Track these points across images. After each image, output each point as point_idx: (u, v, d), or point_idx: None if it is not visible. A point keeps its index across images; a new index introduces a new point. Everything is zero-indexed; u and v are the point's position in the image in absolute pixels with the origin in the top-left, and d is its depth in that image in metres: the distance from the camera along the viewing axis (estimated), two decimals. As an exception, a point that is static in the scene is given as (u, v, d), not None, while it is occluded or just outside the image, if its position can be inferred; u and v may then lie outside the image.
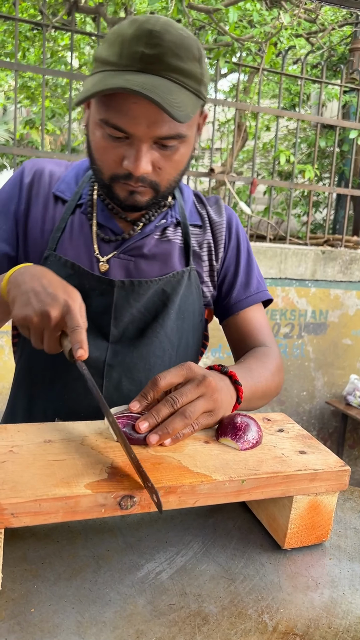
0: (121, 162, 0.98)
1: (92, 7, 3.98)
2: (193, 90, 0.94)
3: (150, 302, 1.13)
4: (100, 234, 1.13)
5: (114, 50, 0.91)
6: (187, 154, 1.03)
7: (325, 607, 0.77)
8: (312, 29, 5.00)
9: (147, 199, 1.04)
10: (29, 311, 0.86)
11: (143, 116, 0.91)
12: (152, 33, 0.88)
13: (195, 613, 0.72)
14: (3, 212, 1.15)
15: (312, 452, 0.93)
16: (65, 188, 1.16)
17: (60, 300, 0.87)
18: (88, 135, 1.03)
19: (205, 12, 3.86)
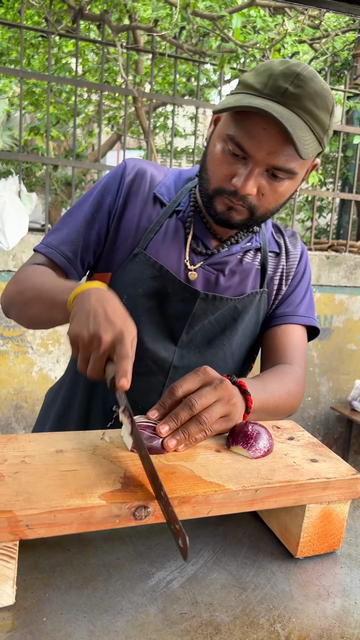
0: (231, 178, 1.04)
1: (97, 15, 4.01)
2: (318, 136, 1.01)
3: (221, 315, 1.20)
4: (194, 244, 1.19)
5: (261, 79, 0.99)
6: (290, 191, 1.09)
7: (338, 616, 0.76)
8: (315, 35, 5.01)
9: (241, 218, 1.10)
10: (83, 330, 0.87)
11: (267, 143, 0.99)
12: (299, 76, 0.97)
13: (207, 622, 0.72)
14: (99, 202, 1.19)
15: (324, 460, 0.93)
16: (165, 192, 1.21)
17: (115, 328, 0.87)
18: (207, 147, 1.11)
19: (209, 19, 3.88)
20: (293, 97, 0.96)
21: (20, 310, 1.13)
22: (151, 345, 1.18)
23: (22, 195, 3.33)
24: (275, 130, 0.97)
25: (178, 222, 1.20)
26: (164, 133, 6.59)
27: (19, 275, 1.15)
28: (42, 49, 5.75)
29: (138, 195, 1.19)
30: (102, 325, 0.87)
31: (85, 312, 0.90)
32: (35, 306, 1.07)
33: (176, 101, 3.77)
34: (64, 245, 1.18)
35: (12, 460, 0.80)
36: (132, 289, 1.17)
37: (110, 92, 5.47)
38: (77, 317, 0.90)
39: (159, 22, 4.57)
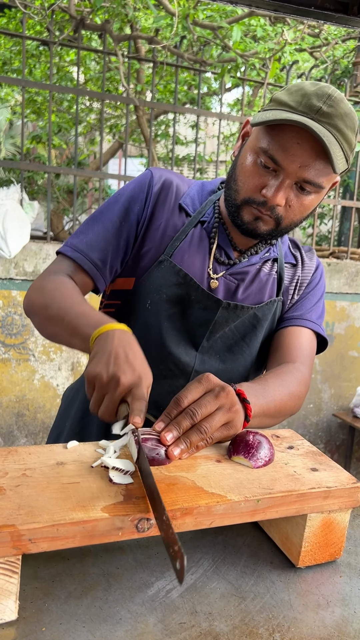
0: (261, 189, 1.10)
1: (98, 24, 4.04)
2: (345, 153, 1.07)
3: (241, 322, 1.24)
4: (217, 254, 1.23)
5: (294, 97, 1.05)
6: (314, 204, 1.15)
7: (337, 625, 0.76)
8: (315, 44, 5.04)
9: (267, 229, 1.15)
10: (102, 371, 0.89)
11: (300, 157, 1.05)
12: (330, 96, 1.04)
13: (207, 632, 0.72)
14: (126, 209, 1.21)
15: (324, 469, 0.93)
16: (190, 203, 1.25)
17: (134, 372, 0.89)
18: (237, 159, 1.16)
19: (209, 29, 3.90)
20: (326, 115, 1.03)
21: (41, 323, 1.13)
22: (174, 349, 1.21)
23: (24, 204, 3.35)
24: (308, 145, 1.03)
25: (203, 232, 1.24)
26: (165, 141, 6.62)
27: (45, 285, 1.15)
28: (44, 58, 5.79)
29: (165, 205, 1.23)
30: (121, 368, 0.89)
31: (107, 354, 0.91)
32: (56, 326, 1.08)
33: (177, 109, 3.79)
34: (92, 252, 1.18)
35: (13, 474, 0.80)
36: (156, 295, 1.20)
37: (111, 101, 5.50)
38: (97, 358, 0.92)
39: (159, 31, 4.60)
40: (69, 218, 5.59)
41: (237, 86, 5.42)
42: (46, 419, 3.41)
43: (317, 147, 1.03)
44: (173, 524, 0.76)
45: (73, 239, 1.21)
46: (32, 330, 3.28)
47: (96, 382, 0.90)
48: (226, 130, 6.49)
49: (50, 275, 1.17)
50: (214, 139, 6.89)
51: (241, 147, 1.17)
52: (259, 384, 1.09)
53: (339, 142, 1.04)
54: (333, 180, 1.13)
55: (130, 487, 0.80)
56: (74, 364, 3.41)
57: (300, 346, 1.26)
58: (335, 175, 1.12)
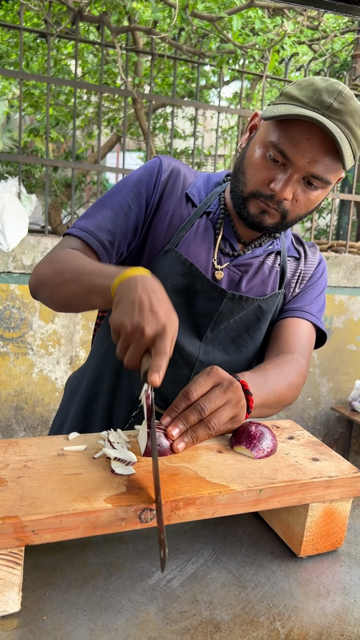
0: (269, 182, 1.10)
1: (96, 16, 4.01)
2: (353, 150, 1.08)
3: (246, 314, 1.25)
4: (222, 245, 1.24)
5: (305, 93, 1.06)
6: (320, 199, 1.16)
7: (337, 614, 0.76)
8: (314, 36, 5.02)
9: (273, 222, 1.16)
10: (126, 320, 0.87)
11: (310, 152, 1.05)
12: (341, 93, 1.04)
13: (207, 621, 0.72)
14: (135, 194, 1.21)
15: (325, 459, 0.93)
16: (196, 193, 1.26)
17: (159, 322, 0.87)
18: (245, 152, 1.17)
19: (208, 20, 3.88)
20: (336, 112, 1.03)
21: (54, 291, 1.10)
22: (179, 339, 1.20)
23: (22, 197, 3.33)
24: (317, 140, 1.04)
25: (208, 223, 1.24)
26: (163, 134, 6.60)
27: (54, 256, 1.13)
28: (42, 50, 5.75)
29: (173, 193, 1.23)
30: (145, 317, 0.86)
31: (130, 301, 0.89)
32: (72, 288, 1.05)
33: (175, 102, 3.78)
34: (101, 232, 1.17)
35: (14, 465, 0.80)
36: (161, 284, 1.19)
37: (109, 94, 5.47)
38: (121, 306, 0.89)
39: (158, 23, 4.58)
40: (67, 212, 5.57)
41: (236, 79, 5.39)
42: (45, 413, 3.41)
43: (326, 143, 1.04)
44: (176, 514, 0.76)
45: (81, 222, 1.20)
46: (30, 324, 3.28)
47: (121, 331, 0.88)
48: (225, 123, 6.47)
49: (56, 250, 1.16)
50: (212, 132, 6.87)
51: (249, 139, 1.18)
52: (259, 375, 1.09)
53: (348, 138, 1.05)
54: (339, 176, 1.14)
55: (133, 477, 0.80)
56: (72, 357, 3.41)
57: (299, 337, 1.27)
58: (341, 172, 1.13)
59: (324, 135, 1.03)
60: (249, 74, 4.06)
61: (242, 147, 1.20)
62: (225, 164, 7.09)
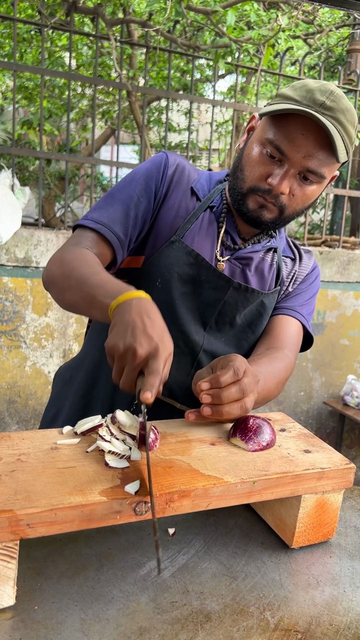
0: (267, 177, 1.15)
1: (91, 8, 3.98)
2: (346, 145, 1.12)
3: (249, 310, 1.28)
4: (224, 238, 1.28)
5: (299, 93, 1.12)
6: (316, 194, 1.20)
7: (327, 604, 0.77)
8: (309, 31, 5.01)
9: (271, 217, 1.19)
10: (119, 342, 0.89)
11: (305, 147, 1.10)
12: (333, 92, 1.10)
13: (198, 610, 0.73)
14: (144, 187, 1.24)
15: (317, 450, 0.94)
16: (201, 188, 1.30)
17: (152, 343, 0.88)
18: (243, 150, 1.22)
19: (203, 13, 3.86)
20: (329, 109, 1.09)
21: (61, 293, 1.13)
22: (186, 327, 1.24)
23: (15, 190, 3.32)
24: (312, 136, 1.09)
25: (212, 216, 1.28)
26: (158, 128, 6.58)
27: (65, 256, 1.14)
28: (36, 42, 5.71)
29: (179, 187, 1.27)
30: (138, 339, 0.88)
31: (124, 324, 0.91)
32: (76, 296, 1.08)
33: (170, 96, 3.76)
34: (115, 225, 1.20)
35: (8, 459, 0.80)
36: (167, 274, 1.23)
37: (104, 86, 5.44)
38: (116, 329, 0.91)
39: (153, 16, 4.55)
40: (61, 205, 5.55)
41: (231, 72, 5.38)
42: (38, 406, 3.41)
43: (320, 139, 1.09)
44: (170, 507, 0.76)
45: (93, 214, 1.21)
46: (23, 317, 3.27)
47: (115, 353, 0.89)
48: (219, 117, 6.45)
49: (69, 247, 1.16)
50: (207, 126, 6.86)
51: (247, 140, 1.23)
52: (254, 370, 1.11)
53: (341, 134, 1.10)
54: (334, 171, 1.18)
55: (127, 470, 0.80)
56: (65, 351, 3.41)
57: (289, 334, 1.31)
58: (335, 168, 1.17)
59: (318, 131, 1.08)
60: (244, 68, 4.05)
61: (240, 148, 1.24)
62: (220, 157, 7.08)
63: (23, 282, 3.24)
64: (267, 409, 3.94)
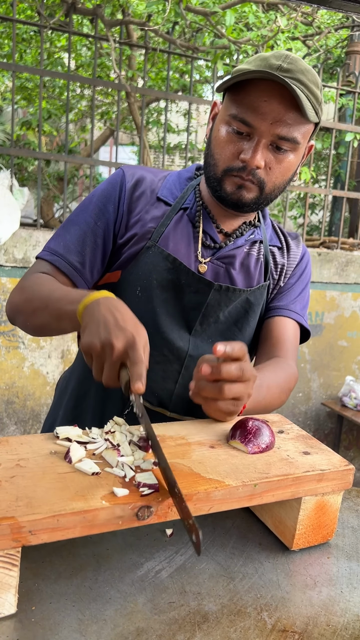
0: (238, 155, 1.10)
1: (90, 9, 3.98)
2: (313, 105, 1.07)
3: (234, 308, 1.24)
4: (203, 239, 1.23)
5: (254, 63, 1.09)
6: (294, 164, 1.14)
7: (324, 605, 0.77)
8: (308, 32, 5.01)
9: (252, 197, 1.14)
10: (94, 340, 0.89)
11: (270, 113, 1.05)
12: (288, 56, 1.07)
13: (195, 611, 0.73)
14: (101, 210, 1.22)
15: (316, 452, 0.94)
16: (168, 193, 1.26)
17: (126, 334, 0.89)
18: (210, 138, 1.18)
19: (202, 14, 3.87)
20: (286, 71, 1.05)
21: (27, 319, 1.13)
22: (168, 335, 1.21)
23: (14, 190, 3.32)
24: (276, 100, 1.04)
25: (186, 218, 1.24)
26: (156, 129, 6.58)
27: (23, 283, 1.16)
28: (35, 43, 5.71)
29: (141, 200, 1.23)
30: (112, 333, 0.88)
31: (96, 322, 0.91)
32: (42, 316, 1.08)
33: (169, 97, 3.77)
34: (70, 255, 1.19)
35: (7, 464, 0.79)
36: (145, 281, 1.20)
37: (103, 87, 5.45)
38: (89, 328, 0.92)
39: (152, 17, 4.56)
40: (59, 205, 5.55)
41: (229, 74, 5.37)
42: (36, 407, 3.41)
43: (285, 102, 1.04)
44: (172, 511, 0.76)
45: (50, 243, 1.22)
46: (22, 318, 3.27)
47: (92, 351, 0.90)
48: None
49: (27, 276, 1.18)
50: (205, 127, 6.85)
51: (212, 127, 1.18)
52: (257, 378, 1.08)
53: (305, 93, 1.05)
54: (308, 137, 1.13)
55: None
56: (64, 351, 3.41)
57: (287, 339, 1.28)
58: (308, 132, 1.12)
59: (281, 95, 1.04)
60: (242, 69, 4.05)
61: (207, 137, 1.20)
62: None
63: (21, 282, 3.24)
64: (266, 410, 3.94)
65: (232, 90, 1.10)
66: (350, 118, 4.45)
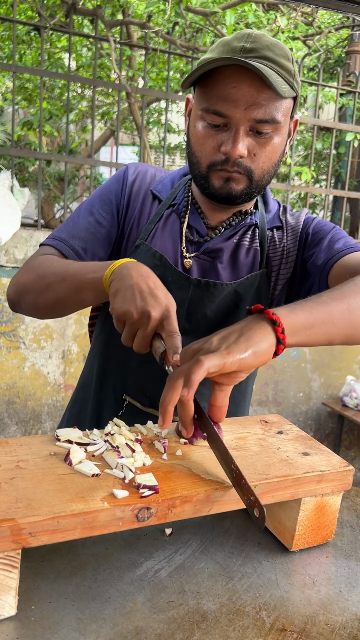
0: (219, 148, 1.06)
1: (90, 9, 3.99)
2: (287, 80, 1.02)
3: (223, 302, 1.19)
4: (188, 234, 1.21)
5: (216, 50, 1.04)
6: (279, 146, 1.09)
7: (322, 604, 0.78)
8: (308, 32, 5.01)
9: (241, 187, 1.10)
10: (130, 307, 0.89)
11: (242, 99, 1.00)
12: (250, 35, 1.02)
13: (194, 610, 0.73)
14: (105, 202, 1.24)
15: (315, 453, 0.94)
16: (162, 189, 1.26)
17: (162, 304, 0.89)
18: (189, 136, 1.14)
19: (202, 14, 3.87)
20: (250, 50, 1.00)
21: (39, 296, 1.11)
22: None
23: (14, 190, 3.32)
24: (245, 84, 1.00)
25: (174, 215, 1.23)
26: (157, 129, 6.58)
27: (31, 264, 1.15)
28: (35, 43, 5.71)
29: (139, 195, 1.24)
30: (149, 302, 0.88)
31: (130, 288, 0.90)
32: (58, 289, 1.07)
33: (169, 97, 3.77)
34: (73, 240, 1.19)
35: (6, 466, 0.79)
36: None
37: (103, 88, 5.45)
38: (121, 294, 0.91)
39: (152, 17, 4.56)
40: (60, 206, 5.56)
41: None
42: (37, 407, 3.41)
43: (255, 83, 0.99)
44: (173, 512, 0.76)
45: (55, 232, 1.23)
46: (22, 318, 3.27)
47: (126, 319, 0.90)
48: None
49: (31, 258, 1.18)
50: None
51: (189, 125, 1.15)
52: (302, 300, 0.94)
53: (274, 69, 1.00)
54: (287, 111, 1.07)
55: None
56: (64, 352, 3.41)
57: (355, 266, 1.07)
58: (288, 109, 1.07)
59: (250, 78, 0.99)
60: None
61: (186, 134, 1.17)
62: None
63: (22, 283, 3.24)
64: (266, 410, 3.94)
65: (200, 83, 1.06)
66: (351, 118, 4.45)
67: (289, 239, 1.24)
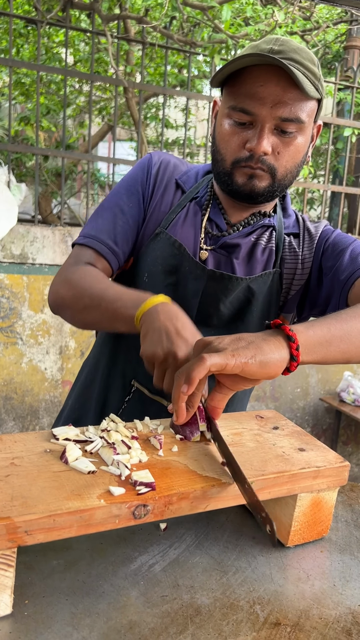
0: (244, 145, 1.09)
1: (87, 4, 3.97)
2: (312, 82, 1.05)
3: (236, 297, 1.22)
4: (208, 227, 1.23)
5: (245, 52, 1.06)
6: (303, 146, 1.12)
7: (316, 598, 0.78)
8: (306, 27, 5.00)
9: (264, 185, 1.12)
10: (157, 349, 0.92)
11: (268, 97, 1.03)
12: (278, 39, 1.06)
13: (188, 604, 0.73)
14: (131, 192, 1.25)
15: (311, 448, 0.94)
16: (187, 180, 1.28)
17: (188, 344, 0.92)
18: (214, 135, 1.17)
19: (199, 9, 3.86)
20: (279, 52, 1.04)
21: (76, 314, 1.15)
22: None
23: (11, 186, 3.31)
24: (272, 83, 1.03)
25: (196, 207, 1.25)
26: (155, 124, 6.56)
27: (69, 277, 1.16)
28: (32, 38, 5.69)
29: (163, 183, 1.26)
30: (175, 343, 0.91)
31: (157, 331, 0.93)
32: (94, 314, 1.10)
33: (167, 92, 3.76)
34: (102, 234, 1.21)
35: (1, 463, 0.78)
36: (152, 267, 1.22)
37: (101, 83, 5.43)
38: (149, 336, 0.94)
39: (149, 11, 4.54)
40: (57, 201, 5.54)
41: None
42: (34, 403, 3.41)
43: (282, 82, 1.03)
44: (169, 509, 0.76)
45: (85, 229, 1.24)
46: (19, 314, 3.27)
47: (155, 360, 0.93)
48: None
49: (71, 267, 1.19)
50: (204, 122, 6.84)
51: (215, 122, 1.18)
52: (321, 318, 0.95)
53: (300, 70, 1.03)
54: (312, 113, 1.10)
55: None
56: (62, 347, 3.41)
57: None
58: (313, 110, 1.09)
59: (277, 77, 1.02)
60: (240, 64, 4.03)
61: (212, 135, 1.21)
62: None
63: (19, 278, 3.24)
64: (263, 406, 3.95)
65: (228, 84, 1.10)
66: (349, 113, 4.44)
67: (306, 246, 1.26)
